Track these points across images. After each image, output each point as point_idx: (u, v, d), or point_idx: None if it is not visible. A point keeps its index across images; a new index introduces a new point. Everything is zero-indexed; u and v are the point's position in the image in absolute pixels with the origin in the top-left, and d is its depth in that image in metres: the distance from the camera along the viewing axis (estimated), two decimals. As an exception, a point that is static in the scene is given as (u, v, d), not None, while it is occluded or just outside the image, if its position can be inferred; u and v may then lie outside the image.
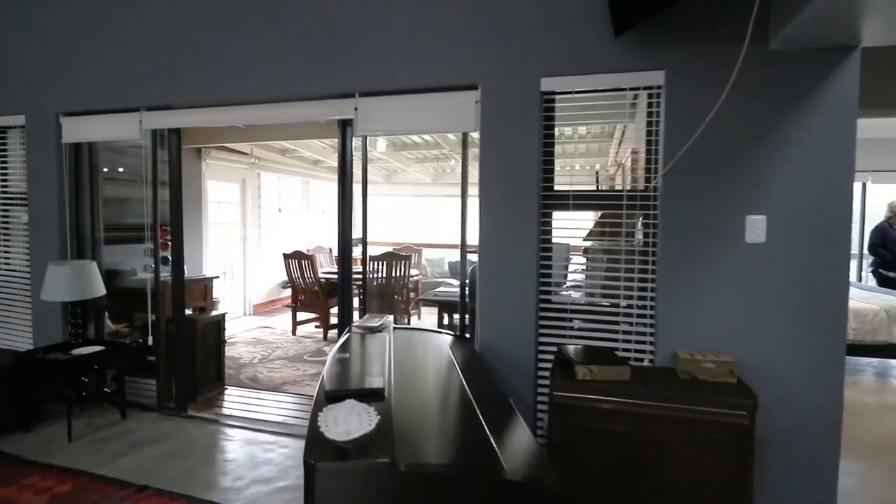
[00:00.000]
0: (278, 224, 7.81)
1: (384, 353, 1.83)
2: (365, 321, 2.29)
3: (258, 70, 3.03)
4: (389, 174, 9.10)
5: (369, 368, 1.69)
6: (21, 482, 2.57)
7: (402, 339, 2.24)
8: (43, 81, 3.53)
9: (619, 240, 2.56)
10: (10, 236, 3.79)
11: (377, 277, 5.37)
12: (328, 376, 1.58)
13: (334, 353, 1.82)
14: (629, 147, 3.61)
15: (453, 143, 6.45)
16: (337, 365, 1.69)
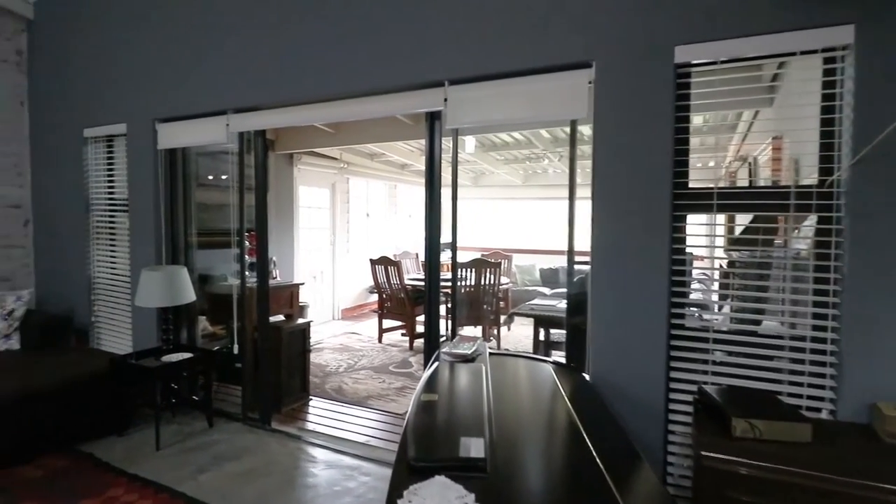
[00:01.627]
0: (366, 228, 7.77)
1: (481, 395, 1.45)
2: (456, 346, 1.93)
3: (340, 64, 2.81)
4: (477, 177, 8.77)
5: (464, 421, 1.32)
6: (106, 493, 2.51)
7: (499, 371, 1.85)
8: (141, 89, 3.60)
9: (781, 249, 1.98)
10: (116, 242, 3.93)
11: (465, 285, 5.03)
12: (412, 432, 1.23)
13: (420, 392, 1.48)
14: (767, 135, 2.94)
15: (547, 142, 5.96)
16: (423, 413, 1.33)
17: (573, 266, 2.41)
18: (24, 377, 2.92)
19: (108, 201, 3.94)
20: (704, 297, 2.25)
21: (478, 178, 8.80)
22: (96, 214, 4.02)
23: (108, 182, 3.93)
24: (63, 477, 2.68)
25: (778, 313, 2.00)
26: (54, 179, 4.19)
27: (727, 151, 4.43)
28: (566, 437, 1.47)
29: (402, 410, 3.61)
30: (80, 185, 4.00)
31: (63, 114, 4.07)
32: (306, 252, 6.51)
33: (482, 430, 1.22)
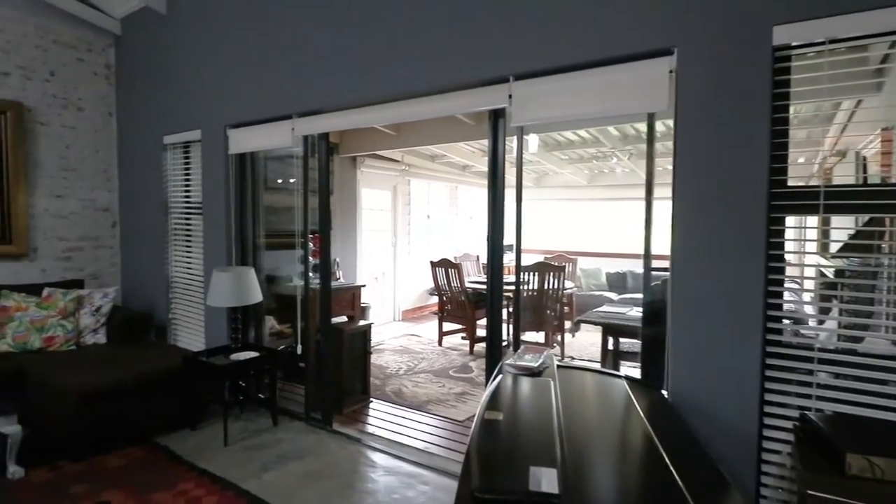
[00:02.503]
0: (427, 230, 7.77)
1: (550, 415, 1.33)
2: (520, 357, 1.81)
3: (402, 64, 2.76)
4: (540, 177, 8.55)
5: (533, 445, 1.20)
6: (178, 487, 2.60)
7: (568, 386, 1.70)
8: (214, 97, 3.75)
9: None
10: (192, 243, 4.12)
11: (527, 289, 4.87)
12: (476, 457, 1.13)
13: (483, 408, 1.37)
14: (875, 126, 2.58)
15: (615, 140, 5.67)
16: (487, 434, 1.23)
17: (650, 271, 2.21)
18: (110, 371, 3.10)
19: (184, 204, 4.14)
20: (801, 309, 1.99)
21: (540, 179, 8.58)
22: (174, 217, 4.24)
23: (184, 186, 4.13)
24: (140, 468, 2.81)
25: (890, 329, 1.72)
26: (138, 184, 4.46)
27: (823, 145, 4.00)
28: (647, 465, 1.31)
29: (463, 417, 3.52)
30: (160, 189, 4.24)
31: (145, 122, 4.33)
32: (368, 253, 6.59)
33: (553, 457, 1.09)
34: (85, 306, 3.79)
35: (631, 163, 6.34)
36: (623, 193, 7.70)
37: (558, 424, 1.27)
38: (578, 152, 6.64)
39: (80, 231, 4.43)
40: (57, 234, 4.29)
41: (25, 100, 4.07)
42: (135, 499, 2.49)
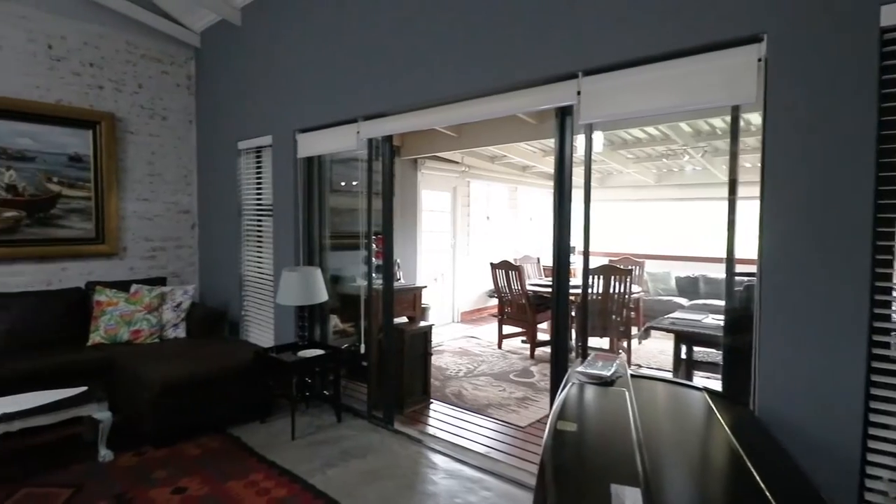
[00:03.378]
0: (486, 232, 7.72)
1: (628, 428, 1.25)
2: (591, 365, 1.72)
3: (465, 63, 2.74)
4: (604, 177, 8.27)
5: (612, 460, 1.13)
6: (249, 477, 2.71)
7: (643, 397, 1.60)
8: (284, 104, 3.89)
9: None
10: (262, 243, 4.30)
11: (591, 293, 4.70)
12: (553, 472, 1.07)
13: (555, 418, 1.31)
14: None
15: (687, 136, 5.37)
16: (561, 445, 1.17)
17: (733, 276, 2.05)
18: (189, 363, 3.29)
19: (256, 206, 4.34)
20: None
21: (604, 179, 8.30)
22: (246, 218, 4.45)
23: (256, 189, 4.32)
24: (215, 457, 2.95)
25: None
26: (214, 187, 4.72)
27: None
28: (737, 486, 1.20)
29: (525, 423, 3.45)
30: (234, 193, 4.46)
31: (222, 129, 4.58)
32: (428, 255, 6.63)
33: (635, 474, 1.02)
34: (167, 302, 4.06)
35: (704, 160, 5.99)
36: (694, 193, 7.29)
37: (637, 438, 1.19)
38: (646, 150, 6.36)
39: (164, 232, 4.75)
40: (143, 235, 4.62)
41: (117, 111, 4.41)
42: (210, 486, 2.62)
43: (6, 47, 3.85)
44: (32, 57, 3.98)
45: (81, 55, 4.22)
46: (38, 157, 3.99)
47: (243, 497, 2.51)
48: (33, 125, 3.95)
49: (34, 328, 3.66)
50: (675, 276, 6.97)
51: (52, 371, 3.24)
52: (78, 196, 4.20)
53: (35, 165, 3.98)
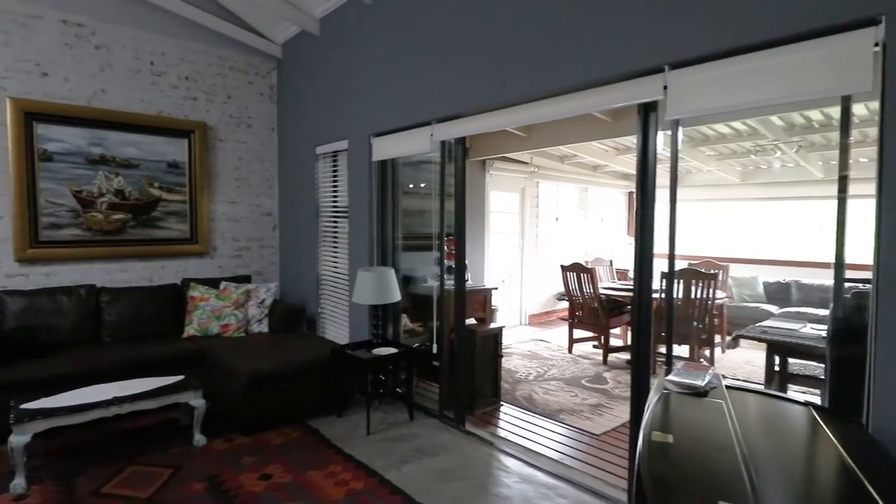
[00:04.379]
0: (555, 233, 7.57)
1: (731, 442, 1.16)
2: (683, 374, 1.63)
3: (543, 62, 2.69)
4: (681, 176, 7.85)
5: (717, 476, 1.06)
6: (328, 468, 2.81)
7: (741, 410, 1.49)
8: (360, 109, 4.02)
9: None
10: (338, 244, 4.47)
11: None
12: (653, 484, 1.02)
13: (649, 428, 1.25)
14: None
15: (778, 131, 4.98)
16: (659, 458, 1.11)
17: (842, 283, 1.87)
18: (273, 357, 3.47)
19: (332, 208, 4.51)
20: None
21: (682, 178, 7.88)
22: (323, 220, 4.64)
23: (332, 192, 4.50)
24: (296, 447, 3.09)
25: None
26: (294, 191, 4.97)
27: None
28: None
29: (600, 431, 3.34)
30: (313, 195, 4.66)
31: (301, 135, 4.81)
32: (495, 256, 6.60)
33: (743, 491, 0.95)
34: (252, 299, 4.31)
35: (798, 156, 5.53)
36: (784, 192, 6.75)
37: (742, 454, 1.11)
38: (730, 146, 5.96)
39: (249, 233, 5.05)
40: (231, 235, 4.94)
41: (209, 120, 4.75)
42: (293, 474, 2.74)
43: (116, 65, 4.26)
44: (137, 73, 4.37)
45: (178, 70, 4.58)
46: (142, 164, 4.38)
47: (323, 487, 2.61)
48: (138, 135, 4.35)
49: (138, 320, 4.02)
50: (762, 281, 6.49)
51: (153, 360, 3.54)
52: (175, 200, 4.56)
53: (139, 172, 4.37)
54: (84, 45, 4.11)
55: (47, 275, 3.99)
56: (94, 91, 4.16)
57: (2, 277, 3.81)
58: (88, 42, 4.13)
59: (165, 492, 2.57)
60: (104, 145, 4.18)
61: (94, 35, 4.14)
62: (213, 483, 2.65)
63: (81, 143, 4.08)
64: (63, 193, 4.01)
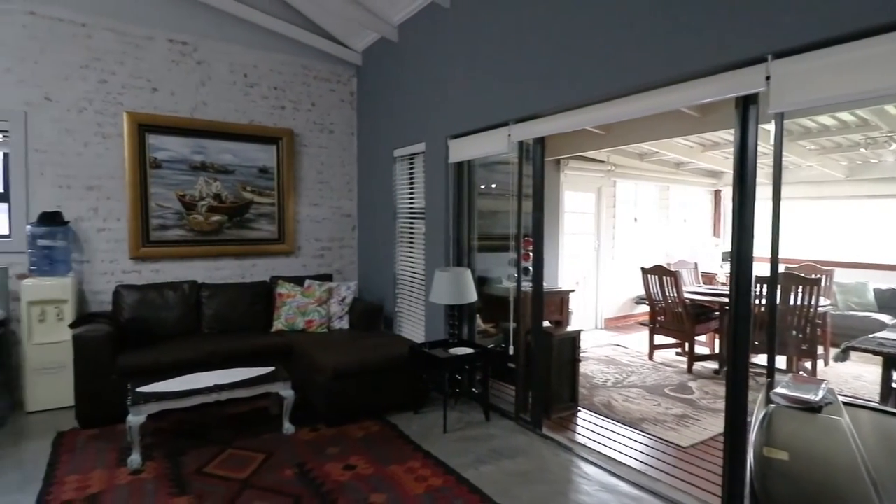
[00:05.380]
0: (633, 234, 7.27)
1: (855, 463, 1.06)
2: (792, 388, 1.51)
3: (629, 57, 2.60)
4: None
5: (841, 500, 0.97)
6: (407, 463, 2.88)
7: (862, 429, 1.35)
8: (437, 112, 4.08)
9: None
10: (414, 244, 4.57)
11: (765, 305, 4.16)
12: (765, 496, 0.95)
13: (760, 443, 1.17)
14: None
15: (893, 120, 4.48)
16: (776, 476, 1.04)
17: None
18: (354, 352, 3.61)
19: (408, 210, 4.62)
20: None
21: (775, 175, 7.28)
22: (400, 221, 4.75)
23: (409, 194, 4.60)
24: (377, 441, 3.20)
25: None
26: (372, 193, 5.14)
27: None
28: None
29: (687, 443, 3.16)
30: (390, 197, 4.80)
31: (379, 139, 4.96)
32: (570, 258, 6.46)
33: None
34: (334, 297, 4.51)
35: (918, 149, 4.94)
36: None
37: (870, 477, 1.01)
38: (835, 139, 5.44)
39: (330, 233, 5.29)
40: (314, 236, 5.19)
41: (295, 127, 5.03)
42: (374, 467, 2.84)
43: (215, 79, 4.62)
44: (233, 85, 4.71)
45: (268, 80, 4.89)
46: (237, 170, 4.71)
47: (404, 481, 2.68)
48: (233, 143, 4.69)
49: (232, 314, 4.33)
50: (872, 287, 5.86)
51: (246, 352, 3.80)
52: (265, 202, 4.87)
53: (234, 177, 4.71)
54: (188, 61, 4.49)
55: (156, 271, 4.41)
56: (196, 103, 4.54)
57: (119, 273, 4.26)
58: (191, 58, 4.51)
59: (260, 475, 2.74)
60: (204, 153, 4.55)
61: (195, 52, 4.52)
62: (302, 470, 2.80)
63: (185, 151, 4.47)
64: (170, 198, 4.41)
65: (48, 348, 3.64)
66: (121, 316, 3.93)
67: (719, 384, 4.36)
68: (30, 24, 3.87)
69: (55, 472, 2.76)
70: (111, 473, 2.75)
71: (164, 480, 2.68)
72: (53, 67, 3.95)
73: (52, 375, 3.65)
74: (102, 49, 4.12)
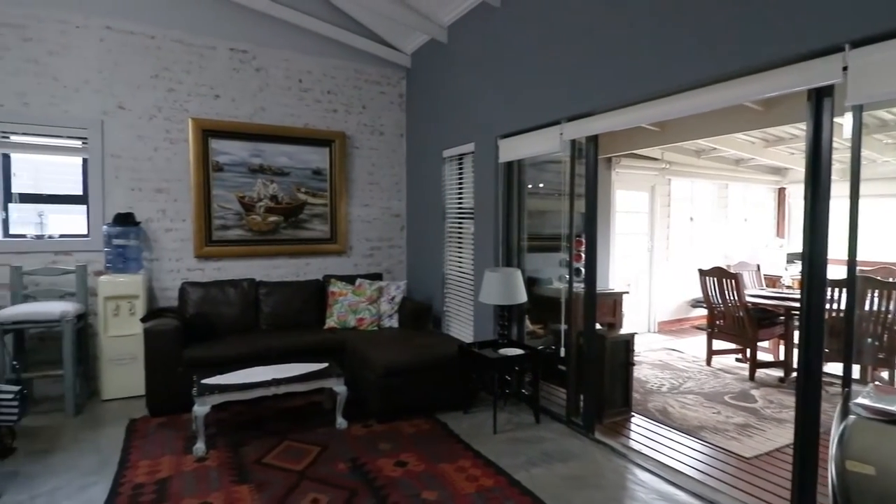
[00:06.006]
0: (689, 234, 7.00)
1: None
2: (876, 398, 1.41)
3: (683, 50, 2.50)
4: (845, 168, 6.79)
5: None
6: (458, 462, 2.89)
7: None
8: (487, 112, 4.07)
9: None
10: (463, 244, 4.58)
11: (837, 310, 3.90)
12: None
13: (840, 455, 1.10)
14: None
15: None
16: (862, 491, 0.97)
17: None
18: (404, 350, 3.66)
19: (457, 210, 4.63)
20: None
21: (846, 171, 6.82)
22: (448, 221, 4.78)
23: (457, 194, 4.62)
24: (426, 438, 3.22)
25: None
26: (421, 193, 5.19)
27: None
28: None
29: (750, 454, 3.01)
30: (438, 198, 4.83)
31: (428, 140, 5.00)
32: (621, 258, 6.29)
33: None
34: (384, 295, 4.58)
35: None
36: None
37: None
38: (918, 132, 5.03)
39: (379, 233, 5.39)
40: (364, 236, 5.30)
41: (347, 130, 5.15)
42: (425, 464, 2.87)
43: (272, 85, 4.80)
44: (288, 90, 4.88)
45: (322, 85, 5.03)
46: (292, 172, 4.88)
47: (455, 480, 2.69)
48: (289, 146, 4.85)
49: (287, 311, 4.49)
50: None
51: (301, 348, 3.93)
52: (318, 203, 5.01)
53: (290, 179, 4.87)
54: (247, 68, 4.69)
55: (218, 269, 4.62)
56: (254, 109, 4.73)
57: (184, 271, 4.50)
58: (250, 66, 4.70)
59: (316, 467, 2.83)
60: (262, 156, 4.74)
61: (254, 59, 4.71)
62: (356, 464, 2.87)
63: (245, 154, 4.66)
64: (230, 199, 4.62)
65: (121, 340, 3.90)
66: (186, 311, 4.15)
67: (785, 393, 4.12)
68: (106, 37, 4.15)
69: (129, 456, 2.96)
70: (179, 460, 2.91)
71: (226, 468, 2.81)
72: (126, 78, 4.22)
73: (124, 366, 3.90)
74: (170, 59, 4.37)
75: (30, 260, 3.93)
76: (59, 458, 2.93)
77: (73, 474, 2.75)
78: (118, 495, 2.53)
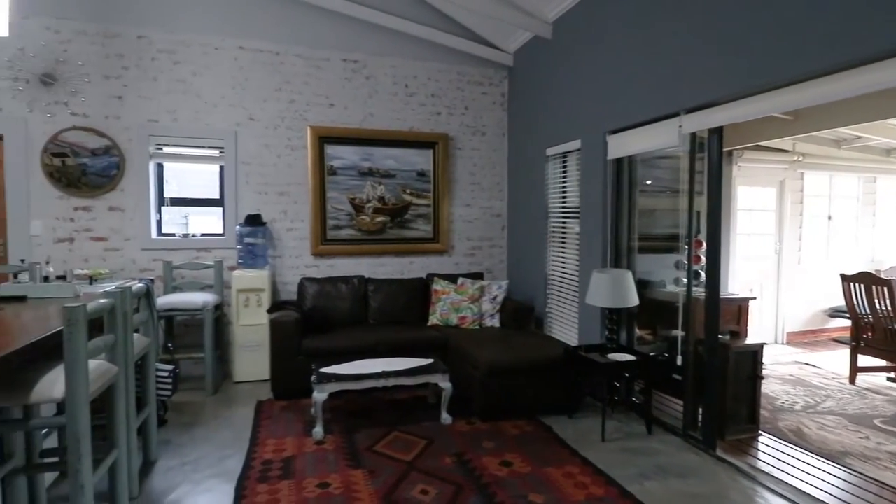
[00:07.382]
0: (826, 235, 6.21)
1: None
2: None
3: (823, 28, 2.20)
4: None
5: None
6: (565, 468, 2.82)
7: None
8: (593, 107, 3.92)
9: None
10: (567, 244, 4.46)
11: None
12: None
13: None
14: None
15: None
16: None
17: None
18: (507, 351, 3.64)
19: (561, 209, 4.52)
20: None
21: None
22: (552, 220, 4.68)
23: (561, 192, 4.50)
24: (531, 440, 3.18)
25: None
26: (522, 192, 5.13)
27: None
28: None
29: (913, 489, 2.60)
30: (541, 197, 4.75)
31: (531, 138, 4.94)
32: (742, 261, 5.74)
33: None
34: (485, 295, 4.60)
35: None
36: None
37: None
38: None
39: (480, 233, 5.42)
40: (465, 235, 5.37)
41: (449, 131, 5.25)
42: (531, 467, 2.83)
43: (381, 91, 5.03)
44: (395, 96, 5.08)
45: (426, 88, 5.17)
46: (398, 174, 5.07)
47: (562, 486, 2.63)
48: (395, 149, 5.05)
49: (393, 308, 4.68)
50: None
51: (406, 343, 4.07)
52: (422, 204, 5.16)
53: (396, 181, 5.07)
54: (358, 77, 4.96)
55: (331, 266, 4.94)
56: (364, 115, 4.99)
57: (302, 267, 4.86)
58: (360, 74, 4.96)
59: (423, 459, 2.91)
60: (371, 159, 4.98)
61: (364, 68, 4.97)
62: (461, 460, 2.91)
63: (355, 158, 4.94)
64: (342, 201, 4.91)
65: (250, 329, 4.31)
66: (304, 304, 4.49)
67: (956, 421, 3.51)
68: (239, 56, 4.61)
69: (258, 434, 3.26)
70: (300, 441, 3.15)
71: (341, 453, 2.99)
72: (255, 92, 4.66)
73: (252, 352, 4.31)
74: (291, 73, 4.75)
75: (177, 256, 4.48)
76: (201, 432, 3.31)
77: (213, 446, 3.09)
78: (251, 468, 2.80)
